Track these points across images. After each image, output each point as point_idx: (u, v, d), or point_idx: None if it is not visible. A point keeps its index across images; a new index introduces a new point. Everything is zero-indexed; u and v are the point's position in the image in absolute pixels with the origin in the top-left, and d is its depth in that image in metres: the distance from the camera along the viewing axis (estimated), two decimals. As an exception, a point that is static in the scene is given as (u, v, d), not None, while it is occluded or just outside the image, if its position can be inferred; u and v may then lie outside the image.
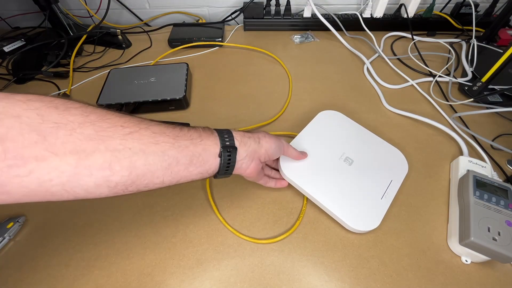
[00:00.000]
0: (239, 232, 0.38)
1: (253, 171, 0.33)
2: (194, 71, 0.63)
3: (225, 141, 0.30)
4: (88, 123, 0.22)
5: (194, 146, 0.28)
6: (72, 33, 0.71)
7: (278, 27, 0.76)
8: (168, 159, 0.25)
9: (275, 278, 0.34)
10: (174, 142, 0.26)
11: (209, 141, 0.29)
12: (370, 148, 0.43)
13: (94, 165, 0.22)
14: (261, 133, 0.34)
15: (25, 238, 0.38)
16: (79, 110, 0.22)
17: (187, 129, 0.28)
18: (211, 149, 0.29)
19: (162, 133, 0.26)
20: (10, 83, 0.60)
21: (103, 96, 0.52)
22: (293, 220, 0.39)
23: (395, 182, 0.40)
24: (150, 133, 0.25)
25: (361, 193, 0.38)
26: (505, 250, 0.31)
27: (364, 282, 0.34)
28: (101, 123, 0.22)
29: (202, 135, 0.29)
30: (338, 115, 0.48)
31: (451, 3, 0.76)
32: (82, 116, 0.22)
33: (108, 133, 0.22)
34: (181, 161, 0.26)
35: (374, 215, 0.36)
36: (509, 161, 0.45)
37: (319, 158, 0.41)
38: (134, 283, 0.34)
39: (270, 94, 0.58)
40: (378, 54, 0.67)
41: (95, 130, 0.22)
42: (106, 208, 0.40)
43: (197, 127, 0.30)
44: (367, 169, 0.41)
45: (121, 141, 0.23)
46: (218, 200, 0.41)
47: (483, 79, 0.54)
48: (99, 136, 0.22)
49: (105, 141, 0.22)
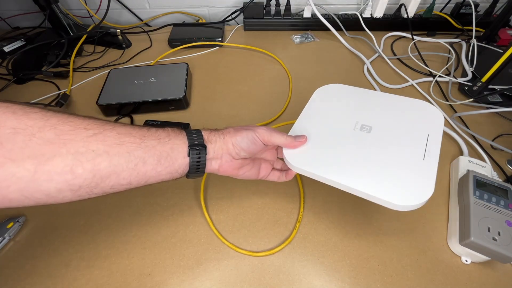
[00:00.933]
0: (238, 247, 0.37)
1: (228, 169, 0.32)
2: (194, 71, 0.63)
3: (194, 139, 0.29)
4: (48, 127, 0.21)
5: (161, 145, 0.27)
6: (72, 33, 0.71)
7: (278, 27, 0.76)
8: (134, 159, 0.25)
9: (275, 278, 0.34)
10: (141, 142, 0.26)
11: (177, 140, 0.28)
12: (389, 109, 0.37)
13: (54, 170, 0.21)
14: (229, 129, 0.33)
15: (25, 238, 0.38)
16: (39, 114, 0.22)
17: (155, 129, 0.28)
18: (179, 148, 0.28)
19: (128, 133, 0.25)
20: (10, 83, 0.60)
21: (103, 96, 0.52)
22: (293, 220, 0.39)
23: (434, 135, 0.33)
24: (115, 134, 0.24)
25: (396, 161, 0.30)
26: (505, 250, 0.31)
27: (364, 282, 0.34)
28: (62, 126, 0.22)
29: (171, 135, 0.28)
30: (339, 87, 0.42)
31: (451, 3, 0.76)
32: (42, 120, 0.21)
33: (70, 136, 0.22)
34: (148, 161, 0.26)
35: (423, 181, 0.29)
36: (509, 161, 0.45)
37: (329, 135, 0.34)
38: (134, 283, 0.34)
39: (270, 94, 0.58)
40: (378, 54, 0.67)
41: (56, 134, 0.21)
42: (106, 208, 0.40)
43: (166, 128, 0.29)
44: (393, 131, 0.34)
45: (83, 144, 0.22)
46: (218, 200, 0.41)
47: (483, 79, 0.54)
48: (60, 140, 0.21)
49: (67, 144, 0.22)
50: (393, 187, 0.28)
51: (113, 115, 0.53)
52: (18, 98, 0.56)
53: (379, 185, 0.29)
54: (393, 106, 0.37)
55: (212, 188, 0.43)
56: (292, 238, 0.37)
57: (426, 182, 0.28)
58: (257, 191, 0.42)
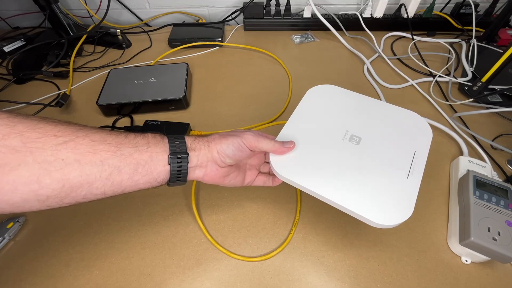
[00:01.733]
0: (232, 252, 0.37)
1: (213, 177, 0.31)
2: (194, 71, 0.63)
3: (176, 147, 0.28)
4: (14, 134, 0.20)
5: (139, 153, 0.26)
6: (72, 33, 0.71)
7: (278, 27, 0.76)
8: (108, 168, 0.24)
9: (275, 278, 0.34)
10: (116, 150, 0.24)
11: (157, 148, 0.27)
12: (379, 118, 0.36)
13: (19, 180, 0.20)
14: (214, 135, 0.31)
15: (25, 238, 0.38)
16: (4, 120, 0.20)
17: (133, 135, 0.26)
18: (159, 156, 0.27)
19: (103, 141, 0.24)
20: (10, 83, 0.60)
21: (103, 96, 0.52)
22: (293, 220, 0.39)
23: (421, 152, 0.32)
24: (88, 142, 0.23)
25: (379, 177, 0.30)
26: (505, 250, 0.31)
27: (364, 282, 0.34)
28: (30, 133, 0.21)
29: (150, 142, 0.27)
30: (332, 89, 0.40)
31: (451, 3, 0.76)
32: (8, 127, 0.20)
33: (37, 143, 0.21)
34: (124, 170, 0.24)
35: (404, 201, 0.29)
36: (509, 161, 0.45)
37: (318, 144, 0.34)
38: (134, 283, 0.34)
39: (270, 94, 0.58)
40: (378, 54, 0.67)
41: (22, 142, 0.20)
42: (106, 208, 0.40)
43: (146, 134, 0.28)
44: (381, 144, 0.33)
45: (52, 152, 0.21)
46: (218, 200, 0.41)
47: (483, 79, 0.54)
48: (27, 148, 0.20)
49: (34, 153, 0.20)
50: (373, 206, 0.28)
51: (113, 115, 0.53)
52: (18, 98, 0.56)
53: (360, 202, 0.29)
54: (383, 115, 0.36)
55: (212, 188, 0.43)
56: (287, 243, 0.37)
57: (406, 203, 0.28)
58: (257, 190, 0.42)
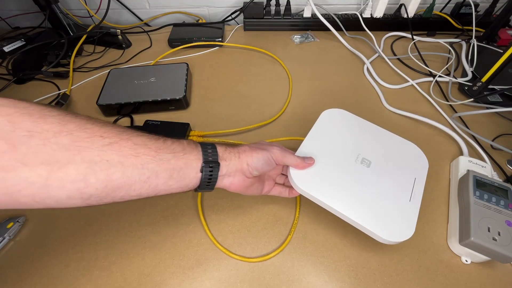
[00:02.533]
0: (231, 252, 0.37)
1: (238, 187, 0.32)
2: (194, 71, 0.63)
3: (208, 155, 0.29)
4: (65, 133, 0.21)
5: (176, 160, 0.27)
6: (72, 33, 0.71)
7: (278, 27, 0.76)
8: (147, 172, 0.24)
9: (275, 278, 0.34)
10: (156, 155, 0.25)
11: (192, 155, 0.28)
12: (385, 146, 0.39)
13: (67, 178, 0.21)
14: (244, 147, 0.33)
15: (25, 238, 0.38)
16: (57, 118, 0.21)
17: (171, 141, 0.27)
18: (193, 164, 0.28)
19: (144, 145, 0.25)
20: (10, 83, 0.60)
21: (103, 96, 0.52)
22: (292, 221, 0.39)
23: (419, 180, 0.36)
24: (131, 145, 0.24)
25: (387, 198, 0.34)
26: (505, 250, 0.31)
27: (364, 282, 0.34)
28: (79, 133, 0.21)
29: (186, 149, 0.28)
30: (343, 113, 0.44)
31: (451, 3, 0.76)
32: (59, 125, 0.21)
33: (86, 143, 0.21)
34: (161, 175, 0.25)
35: (407, 221, 0.32)
36: (509, 161, 0.45)
37: (333, 163, 0.36)
38: (134, 283, 0.34)
39: (270, 94, 0.58)
40: (378, 54, 0.67)
41: (72, 140, 0.21)
42: (106, 208, 0.40)
43: (182, 140, 0.29)
44: (387, 169, 0.36)
45: (98, 152, 0.22)
46: (218, 200, 0.41)
47: (483, 79, 0.54)
48: (76, 147, 0.21)
49: (82, 152, 0.21)
50: (381, 223, 0.32)
51: (113, 115, 0.53)
52: (18, 98, 0.56)
53: (370, 219, 0.32)
54: (389, 144, 0.40)
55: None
56: (285, 244, 0.37)
57: (408, 224, 0.32)
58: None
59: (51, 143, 0.20)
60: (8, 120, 0.19)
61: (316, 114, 0.55)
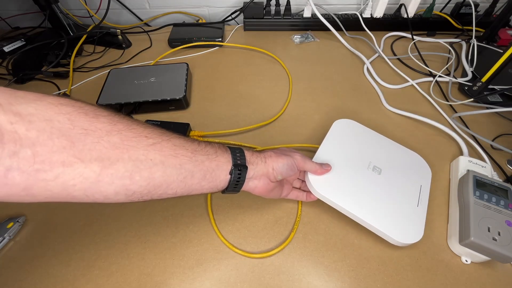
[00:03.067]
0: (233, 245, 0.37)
1: (262, 190, 0.34)
2: (194, 71, 0.63)
3: (237, 159, 0.31)
4: (115, 132, 0.22)
5: (209, 161, 0.28)
6: (72, 33, 0.71)
7: (278, 27, 0.76)
8: (184, 172, 0.26)
9: (275, 278, 0.34)
10: (192, 156, 0.27)
11: (223, 158, 0.30)
12: (392, 155, 0.42)
13: (116, 174, 0.22)
14: (269, 152, 0.35)
15: (25, 238, 0.38)
16: (107, 118, 0.23)
17: (204, 144, 0.29)
18: (224, 166, 0.30)
19: (182, 146, 0.26)
20: (10, 83, 0.60)
21: (103, 96, 0.52)
22: (293, 220, 0.39)
23: (425, 187, 0.39)
24: (171, 146, 0.25)
25: (397, 203, 0.36)
26: (505, 250, 0.31)
27: (364, 282, 0.34)
28: (127, 133, 0.23)
29: (217, 152, 0.30)
30: (353, 124, 0.47)
31: (451, 3, 0.76)
32: (110, 124, 0.22)
33: (133, 142, 0.23)
34: (196, 175, 0.27)
35: (416, 225, 0.35)
36: (509, 161, 0.45)
37: (347, 169, 0.39)
38: (134, 283, 0.34)
39: (270, 94, 0.58)
40: (378, 54, 0.67)
41: (121, 139, 0.22)
42: (106, 208, 0.40)
43: (213, 143, 0.31)
44: (396, 176, 0.39)
45: (144, 152, 0.23)
46: (218, 200, 0.41)
47: (483, 79, 0.54)
48: (124, 145, 0.22)
49: (129, 151, 0.23)
50: (394, 226, 0.34)
51: (113, 115, 0.53)
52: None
53: (384, 222, 0.35)
54: (395, 153, 0.43)
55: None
56: (289, 241, 0.37)
57: (418, 227, 0.35)
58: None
59: (104, 141, 0.21)
60: (68, 118, 0.20)
61: (316, 114, 0.55)
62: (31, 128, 0.19)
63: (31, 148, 0.18)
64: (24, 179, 0.19)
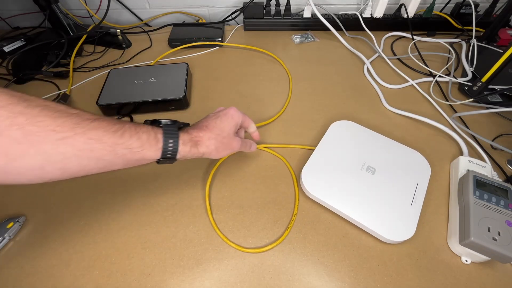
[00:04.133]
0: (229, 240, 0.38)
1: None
2: (194, 71, 0.63)
3: (167, 152, 0.30)
4: (15, 126, 0.21)
5: (132, 154, 0.27)
6: (72, 33, 0.71)
7: (278, 27, 0.76)
8: (103, 162, 0.26)
9: (275, 278, 0.34)
10: (111, 150, 0.26)
11: (150, 152, 0.29)
12: (389, 154, 0.43)
13: (24, 167, 0.22)
14: (206, 133, 0.34)
15: (25, 238, 0.38)
16: (6, 109, 0.21)
17: (128, 135, 0.27)
18: (149, 158, 0.29)
19: (99, 140, 0.25)
20: (10, 83, 0.60)
21: (103, 96, 0.52)
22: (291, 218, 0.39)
23: (421, 185, 0.40)
24: (86, 140, 0.24)
25: (389, 202, 0.38)
26: (505, 250, 0.31)
27: (364, 282, 0.34)
28: (30, 127, 0.21)
29: (144, 145, 0.28)
30: (350, 124, 0.47)
31: (451, 3, 0.76)
32: (9, 118, 0.21)
33: (38, 137, 0.22)
34: (117, 163, 0.27)
35: (408, 223, 0.36)
36: (509, 161, 0.45)
37: (341, 171, 0.41)
38: (134, 283, 0.34)
39: (270, 94, 0.58)
40: (378, 54, 0.67)
41: (23, 134, 0.21)
42: (106, 208, 0.40)
43: (141, 134, 0.29)
44: (391, 176, 0.40)
45: (52, 146, 0.22)
46: (219, 200, 0.41)
47: (483, 79, 0.54)
48: (28, 140, 0.21)
49: (35, 146, 0.22)
50: (384, 224, 0.36)
51: (113, 115, 0.53)
52: None
53: (374, 220, 0.36)
54: (393, 152, 0.43)
55: (212, 188, 0.43)
56: (284, 237, 0.37)
57: (409, 226, 0.36)
58: (257, 190, 0.42)
59: (3, 136, 0.21)
60: None
61: (316, 115, 0.55)
62: None
63: None
64: None
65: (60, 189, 0.42)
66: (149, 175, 0.44)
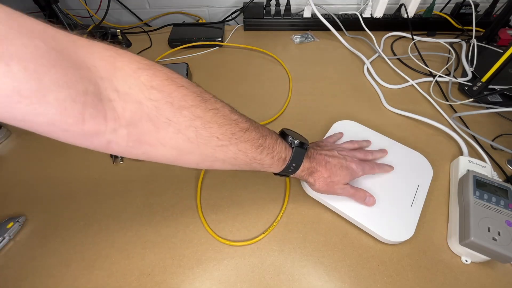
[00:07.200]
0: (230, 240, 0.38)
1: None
2: (194, 71, 0.63)
3: (286, 172, 0.34)
4: (192, 128, 0.25)
5: (260, 167, 0.32)
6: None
7: (278, 27, 0.76)
8: (235, 166, 0.31)
9: (275, 278, 0.34)
10: (249, 162, 0.30)
11: (273, 169, 0.34)
12: (392, 155, 0.43)
13: (188, 161, 0.28)
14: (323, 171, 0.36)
15: (25, 238, 0.38)
16: (189, 111, 0.25)
17: (266, 153, 0.31)
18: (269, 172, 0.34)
19: (245, 152, 0.29)
20: (10, 83, 0.60)
21: (103, 96, 0.52)
22: (292, 221, 0.39)
23: (422, 187, 0.40)
24: (236, 150, 0.28)
25: (390, 203, 0.38)
26: (505, 250, 0.31)
27: (364, 282, 0.34)
28: (202, 131, 0.25)
29: (273, 164, 0.33)
30: (353, 124, 0.47)
31: (451, 3, 0.76)
32: (190, 120, 0.25)
33: (204, 141, 0.26)
34: (244, 168, 0.32)
35: (407, 224, 0.36)
36: (509, 161, 0.45)
37: None
38: (134, 283, 0.34)
39: (270, 94, 0.58)
40: (378, 54, 0.67)
41: (196, 136, 0.25)
42: (106, 208, 0.40)
43: (277, 152, 0.32)
44: (392, 177, 0.40)
45: (212, 151, 0.27)
46: (219, 200, 0.41)
47: (483, 79, 0.54)
48: (197, 142, 0.26)
49: (200, 147, 0.26)
50: (383, 225, 0.36)
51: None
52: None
53: (373, 221, 0.36)
54: (396, 153, 0.43)
55: (213, 188, 0.43)
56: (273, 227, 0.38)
57: (408, 226, 0.36)
58: (257, 191, 0.42)
59: (181, 133, 0.25)
60: (155, 106, 0.23)
61: (316, 115, 0.55)
62: (126, 108, 0.22)
63: (126, 128, 0.22)
64: (120, 150, 0.24)
65: (60, 189, 0.42)
66: (149, 175, 0.44)
